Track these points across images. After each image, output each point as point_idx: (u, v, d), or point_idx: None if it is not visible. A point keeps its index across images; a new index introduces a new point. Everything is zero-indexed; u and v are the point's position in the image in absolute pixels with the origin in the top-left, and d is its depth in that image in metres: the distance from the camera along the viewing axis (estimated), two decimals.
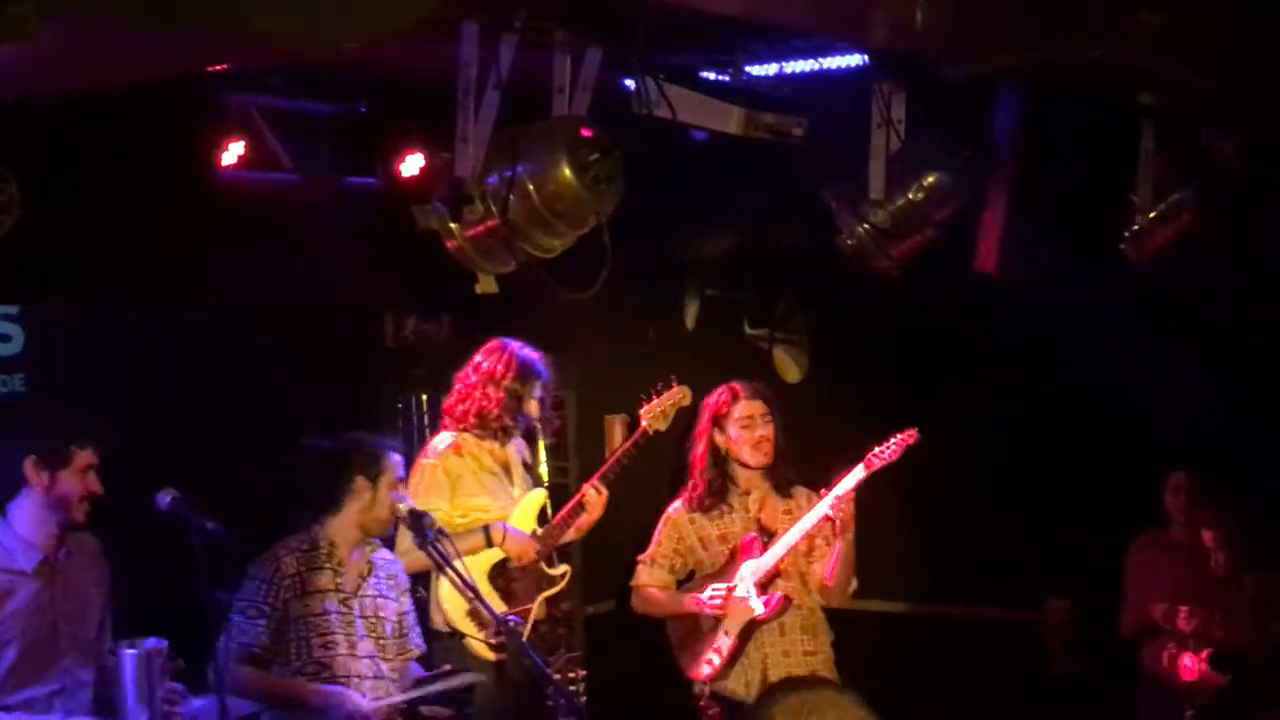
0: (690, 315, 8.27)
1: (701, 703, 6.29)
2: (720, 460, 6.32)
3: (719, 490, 6.34)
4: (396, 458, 5.72)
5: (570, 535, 6.58)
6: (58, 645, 4.94)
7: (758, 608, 6.17)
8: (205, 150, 4.56)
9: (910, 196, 5.79)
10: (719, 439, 6.31)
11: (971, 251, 6.18)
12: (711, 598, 6.20)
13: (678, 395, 6.65)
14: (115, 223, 4.11)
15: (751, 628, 6.21)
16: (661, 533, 6.43)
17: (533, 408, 6.48)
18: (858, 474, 6.18)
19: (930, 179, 5.77)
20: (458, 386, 6.49)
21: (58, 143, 3.92)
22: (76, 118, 3.94)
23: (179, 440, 6.10)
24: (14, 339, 6.20)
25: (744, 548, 6.27)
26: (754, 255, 7.93)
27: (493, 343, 6.50)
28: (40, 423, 5.00)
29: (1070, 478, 7.49)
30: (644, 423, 6.62)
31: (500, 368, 6.41)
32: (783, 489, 6.36)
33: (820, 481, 6.38)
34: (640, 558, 6.48)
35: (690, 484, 6.40)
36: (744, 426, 6.26)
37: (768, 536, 6.28)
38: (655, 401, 6.64)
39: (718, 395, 6.34)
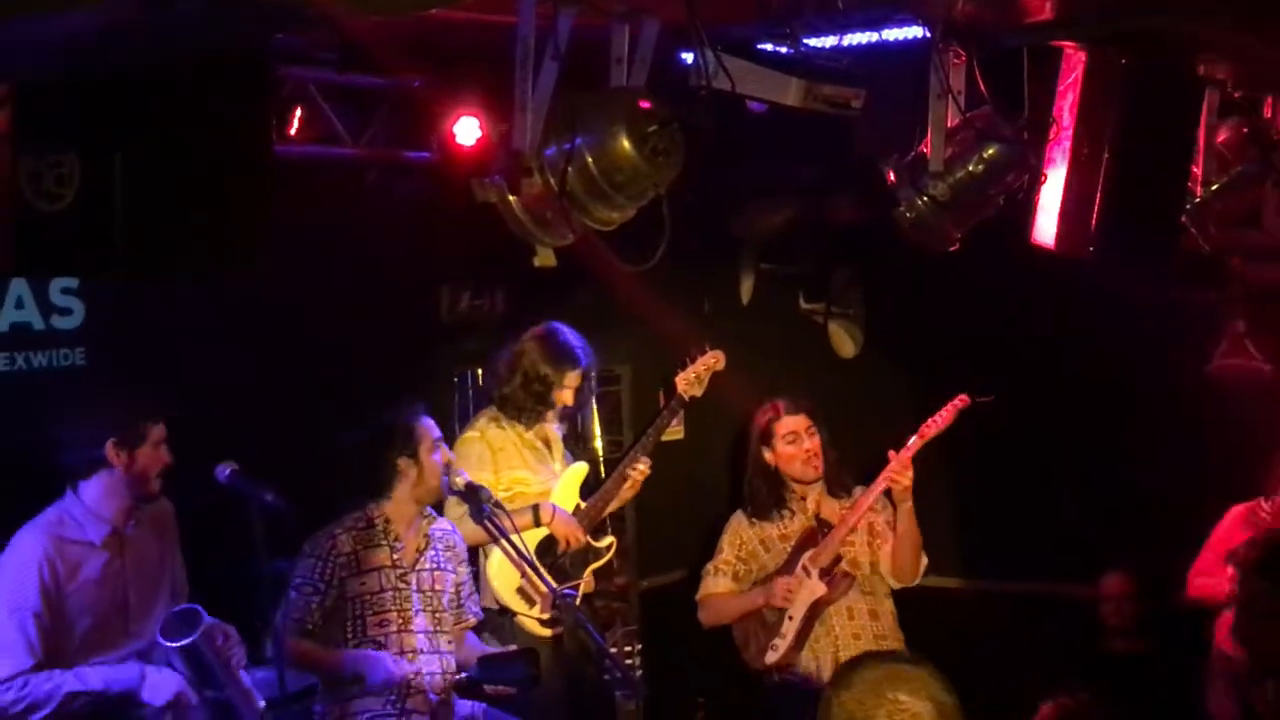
0: (745, 290, 8.25)
1: (775, 680, 6.34)
2: (771, 475, 6.41)
3: (776, 501, 6.41)
4: (427, 421, 5.75)
5: (614, 506, 6.57)
6: (127, 613, 5.00)
7: (820, 588, 6.19)
8: (262, 124, 4.55)
9: (970, 169, 5.74)
10: (768, 456, 6.41)
11: (1029, 224, 6.11)
12: (781, 588, 6.27)
13: (711, 360, 6.65)
14: (174, 196, 4.10)
15: (817, 610, 6.25)
16: (724, 540, 6.51)
17: (565, 397, 6.44)
18: (912, 443, 6.18)
19: (990, 151, 5.72)
20: (496, 368, 6.50)
21: (118, 117, 3.90)
22: (136, 92, 3.93)
23: (237, 413, 6.13)
24: (75, 312, 6.24)
25: (803, 539, 6.30)
26: (809, 229, 7.89)
27: (538, 328, 6.48)
28: (108, 402, 5.05)
29: (1129, 451, 7.42)
30: (680, 389, 6.62)
31: (534, 356, 6.40)
32: (838, 492, 6.45)
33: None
34: (704, 569, 6.53)
35: (746, 496, 6.47)
36: (789, 442, 6.34)
37: (827, 529, 6.30)
38: (690, 368, 6.64)
39: (761, 413, 6.42)
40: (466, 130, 6.33)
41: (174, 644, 4.89)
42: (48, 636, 4.81)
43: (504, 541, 5.71)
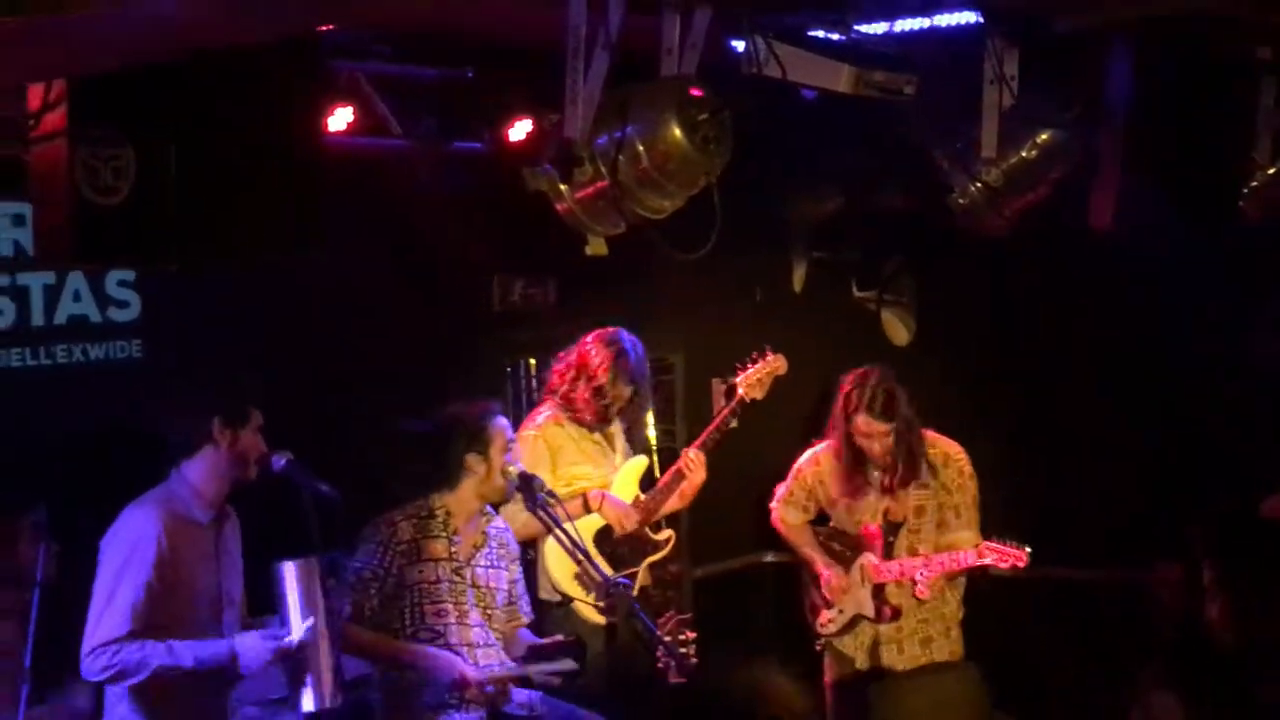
0: (797, 278, 8.22)
1: (819, 647, 6.45)
2: (852, 444, 6.35)
3: (852, 473, 6.38)
4: (501, 421, 5.74)
5: (675, 503, 6.58)
6: (219, 600, 5.07)
7: (869, 613, 6.32)
8: (315, 117, 4.58)
9: (1023, 154, 5.72)
10: (848, 432, 6.33)
11: (1082, 210, 6.08)
12: (829, 581, 6.33)
13: (774, 364, 6.62)
14: (228, 189, 4.14)
15: (859, 617, 6.32)
16: (792, 483, 6.56)
17: (618, 407, 6.45)
18: (967, 559, 6.22)
19: (1043, 136, 5.70)
20: (557, 366, 6.51)
21: (173, 109, 3.95)
22: (191, 84, 3.97)
23: (291, 403, 6.16)
24: (131, 305, 6.31)
25: (868, 536, 6.30)
26: (861, 217, 7.86)
27: (604, 332, 6.48)
28: (218, 381, 5.11)
29: (1183, 439, 7.37)
30: (740, 391, 6.60)
31: (596, 363, 6.39)
32: (909, 480, 6.34)
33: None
34: (776, 490, 6.59)
35: (827, 446, 6.45)
36: (864, 439, 6.30)
37: (892, 532, 6.30)
38: (751, 370, 6.62)
39: (851, 386, 6.32)
40: (519, 126, 6.34)
41: (286, 561, 4.93)
42: (153, 608, 4.84)
43: (557, 530, 5.71)
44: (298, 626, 4.91)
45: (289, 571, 4.93)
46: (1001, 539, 6.21)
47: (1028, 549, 6.16)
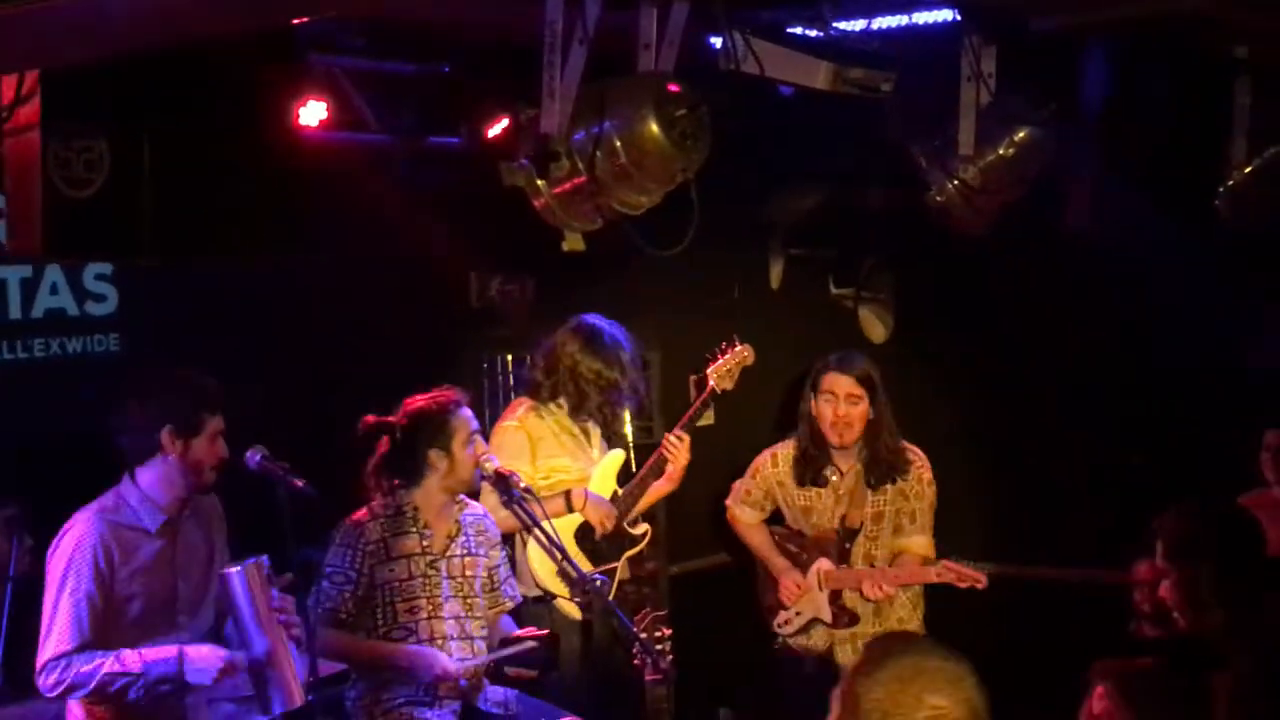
0: (775, 275, 8.24)
1: (778, 645, 6.46)
2: (815, 429, 6.27)
3: (813, 461, 6.31)
4: (464, 413, 5.70)
5: (665, 487, 6.56)
6: (175, 604, 5.03)
7: (826, 618, 6.32)
8: (291, 111, 4.57)
9: (1000, 152, 5.73)
10: (811, 406, 6.27)
11: (1060, 209, 6.09)
12: (787, 585, 6.33)
13: (742, 354, 6.61)
14: (204, 182, 4.13)
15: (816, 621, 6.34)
16: (750, 482, 6.50)
17: (600, 389, 6.43)
18: (927, 576, 6.20)
19: (1020, 134, 5.71)
20: (534, 358, 6.50)
21: (146, 102, 3.94)
22: (165, 77, 3.96)
23: (267, 398, 6.14)
24: (109, 298, 6.28)
25: (824, 538, 6.29)
26: (839, 214, 7.87)
27: (575, 325, 6.45)
28: (170, 389, 5.05)
29: (1160, 438, 7.39)
30: (710, 382, 6.60)
31: (577, 356, 6.38)
32: (876, 479, 6.27)
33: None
34: (734, 486, 6.57)
35: (784, 446, 6.41)
36: (825, 400, 6.20)
37: (848, 537, 6.27)
38: (720, 360, 6.61)
39: (820, 359, 6.29)
40: (496, 124, 6.34)
41: (231, 569, 4.88)
42: (98, 620, 4.83)
43: (535, 529, 5.71)
44: (252, 637, 4.87)
45: (235, 580, 4.87)
46: (961, 558, 6.17)
47: (987, 571, 6.11)
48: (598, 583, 5.71)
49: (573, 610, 6.29)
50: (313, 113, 5.76)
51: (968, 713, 2.75)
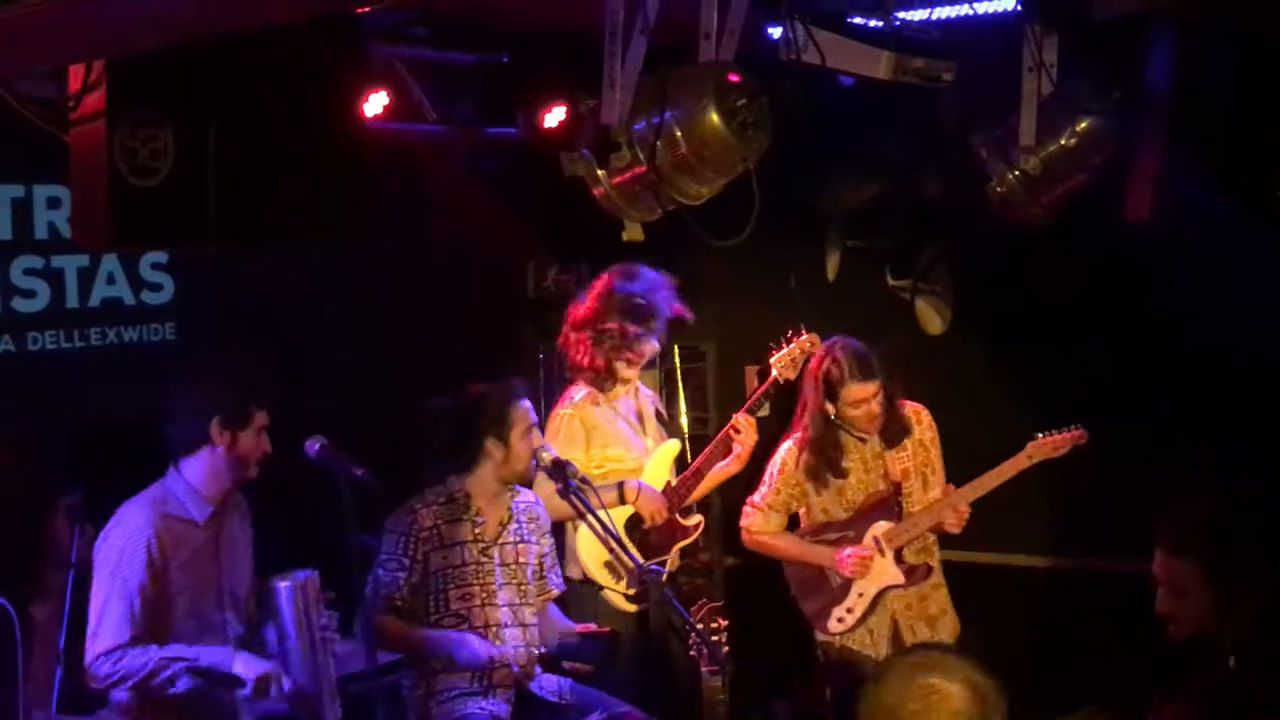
0: (831, 266, 8.19)
1: (836, 647, 6.33)
2: (831, 427, 6.27)
3: (833, 456, 6.29)
4: (524, 404, 5.72)
5: (733, 467, 6.55)
6: (221, 599, 5.04)
7: (899, 576, 6.18)
8: (354, 101, 4.58)
9: (1062, 142, 5.66)
10: (829, 409, 6.25)
11: (1122, 199, 6.03)
12: (851, 559, 6.20)
13: (807, 343, 6.60)
14: (266, 171, 4.14)
15: (888, 591, 6.21)
16: (777, 480, 6.39)
17: (644, 349, 6.39)
18: (1019, 463, 6.14)
19: (1083, 124, 5.64)
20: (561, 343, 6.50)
21: (210, 89, 3.94)
22: (228, 65, 3.97)
23: (324, 388, 6.17)
24: (165, 288, 6.31)
25: (875, 505, 6.23)
26: (896, 205, 7.82)
27: (594, 282, 6.45)
28: (220, 380, 5.07)
29: (1212, 431, 7.30)
30: (774, 371, 6.58)
31: (593, 310, 6.36)
32: (891, 439, 6.31)
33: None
34: (751, 501, 6.46)
35: (801, 438, 6.35)
36: (855, 407, 6.20)
37: (898, 493, 6.23)
38: (785, 350, 6.60)
39: (826, 365, 6.22)
40: (554, 112, 6.32)
41: (281, 583, 4.91)
42: (150, 612, 4.85)
43: (590, 517, 5.71)
44: (293, 658, 4.89)
45: (283, 595, 4.93)
46: (1046, 431, 6.16)
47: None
48: (653, 574, 5.72)
49: (621, 602, 6.30)
50: (373, 103, 5.78)
51: (966, 689, 2.77)
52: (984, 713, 2.78)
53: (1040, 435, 6.18)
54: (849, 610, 6.28)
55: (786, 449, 6.39)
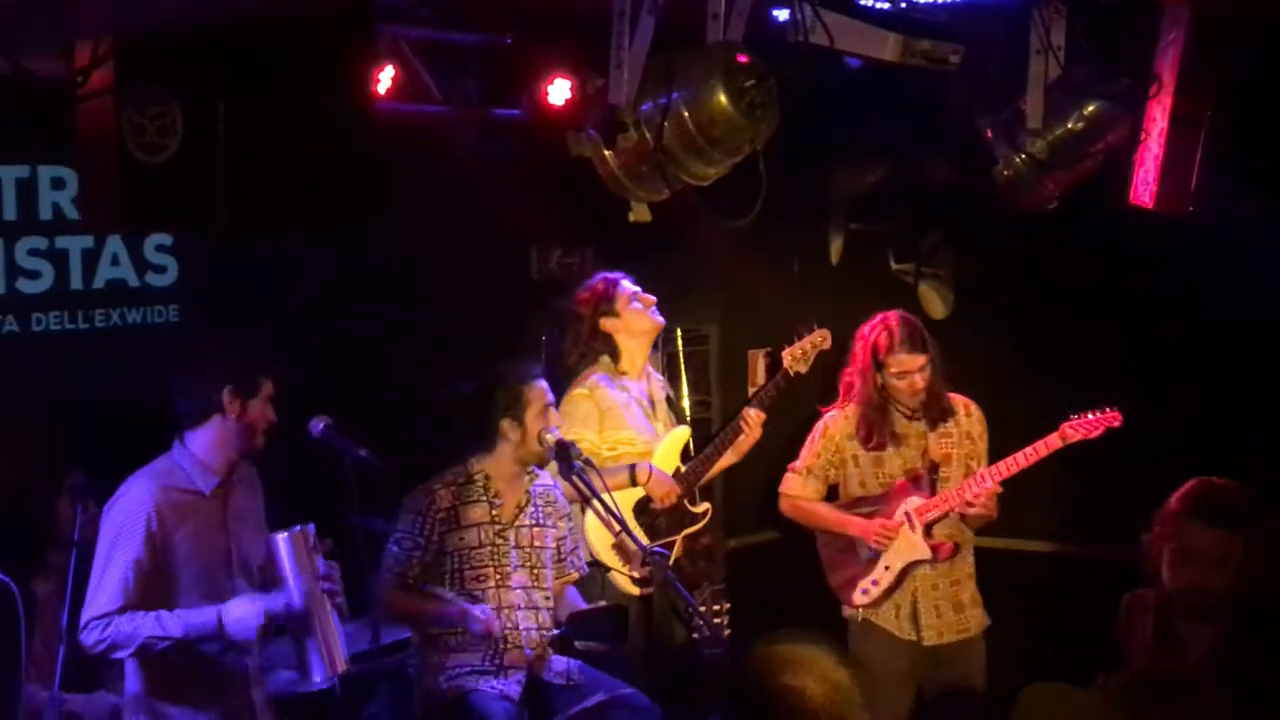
0: (834, 249, 8.18)
1: (859, 621, 6.33)
2: (881, 394, 6.26)
3: (879, 426, 6.28)
4: (540, 384, 5.73)
5: (729, 459, 6.56)
6: (230, 567, 5.05)
7: (926, 551, 6.17)
8: (364, 80, 4.56)
9: (1069, 126, 5.66)
10: (878, 377, 6.25)
11: (1127, 183, 6.01)
12: (880, 531, 6.20)
13: (819, 338, 6.58)
14: (271, 151, 4.12)
15: (914, 566, 6.21)
16: (819, 444, 6.42)
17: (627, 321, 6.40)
18: (1052, 444, 6.10)
19: (1090, 108, 5.64)
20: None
21: (219, 66, 3.92)
22: (237, 41, 3.95)
23: (328, 369, 6.16)
24: (169, 269, 6.30)
25: (910, 481, 6.24)
26: (900, 188, 7.80)
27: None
28: (229, 351, 5.08)
29: (1223, 417, 7.30)
30: (786, 364, 6.57)
31: (584, 302, 6.41)
32: (938, 419, 6.29)
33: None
34: (792, 466, 6.48)
35: (847, 406, 6.36)
36: (899, 378, 6.20)
37: (934, 472, 6.24)
38: (797, 344, 6.58)
39: (876, 332, 6.23)
40: (558, 90, 6.30)
41: (278, 535, 4.91)
42: (145, 583, 4.85)
43: (594, 500, 5.71)
44: (295, 604, 4.88)
45: (280, 545, 4.90)
46: (1078, 412, 6.13)
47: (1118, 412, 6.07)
48: (658, 555, 5.72)
49: (627, 585, 6.29)
50: (380, 83, 5.76)
51: (821, 686, 2.77)
52: (842, 711, 2.79)
53: (1074, 416, 6.15)
54: (874, 582, 6.26)
55: (830, 415, 6.43)
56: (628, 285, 6.38)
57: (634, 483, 6.25)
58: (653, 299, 6.41)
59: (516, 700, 5.60)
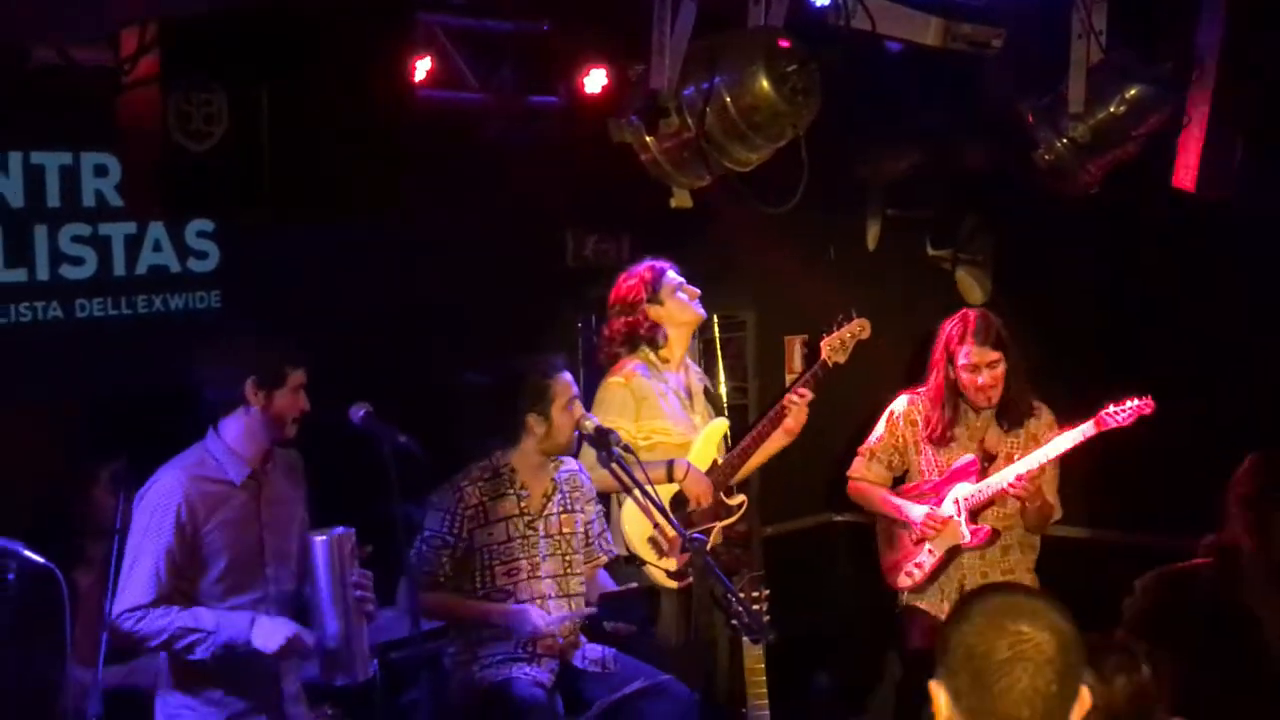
0: (871, 235, 8.15)
1: (898, 611, 6.39)
2: (954, 391, 6.30)
3: (945, 417, 6.32)
4: (564, 377, 5.72)
5: (779, 441, 6.53)
6: (262, 556, 5.06)
7: (965, 536, 6.18)
8: (403, 67, 4.56)
9: (1111, 110, 5.64)
10: (950, 372, 6.28)
11: (1168, 167, 5.98)
12: (927, 521, 6.24)
13: (857, 328, 6.54)
14: (312, 139, 4.13)
15: (956, 552, 6.22)
16: (884, 427, 6.48)
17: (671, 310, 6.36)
18: (1086, 431, 6.08)
19: (1132, 92, 5.61)
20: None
21: (263, 53, 3.93)
22: (280, 29, 3.96)
23: (369, 355, 6.16)
24: (210, 255, 6.31)
25: (962, 468, 6.24)
26: (937, 174, 7.77)
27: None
28: (253, 342, 5.09)
29: (1264, 404, 7.26)
30: (824, 354, 6.54)
31: (630, 289, 6.38)
32: (1013, 423, 6.33)
33: None
34: (860, 449, 6.55)
35: (917, 391, 6.42)
36: (968, 370, 6.22)
37: (988, 461, 6.24)
38: (836, 334, 6.53)
39: (953, 324, 6.29)
40: (595, 78, 6.30)
41: (317, 537, 4.92)
42: (176, 574, 4.88)
43: (632, 486, 5.69)
44: (325, 615, 4.90)
45: (318, 550, 4.93)
46: (1117, 402, 6.11)
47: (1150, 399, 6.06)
48: (697, 542, 5.70)
49: (662, 578, 6.28)
50: (418, 71, 5.76)
51: (1053, 637, 2.73)
52: (1070, 662, 2.75)
53: (1112, 407, 6.12)
54: (918, 565, 6.33)
55: (900, 400, 6.49)
56: (674, 275, 6.36)
57: (670, 478, 6.24)
58: (698, 291, 6.39)
59: (549, 687, 5.62)
